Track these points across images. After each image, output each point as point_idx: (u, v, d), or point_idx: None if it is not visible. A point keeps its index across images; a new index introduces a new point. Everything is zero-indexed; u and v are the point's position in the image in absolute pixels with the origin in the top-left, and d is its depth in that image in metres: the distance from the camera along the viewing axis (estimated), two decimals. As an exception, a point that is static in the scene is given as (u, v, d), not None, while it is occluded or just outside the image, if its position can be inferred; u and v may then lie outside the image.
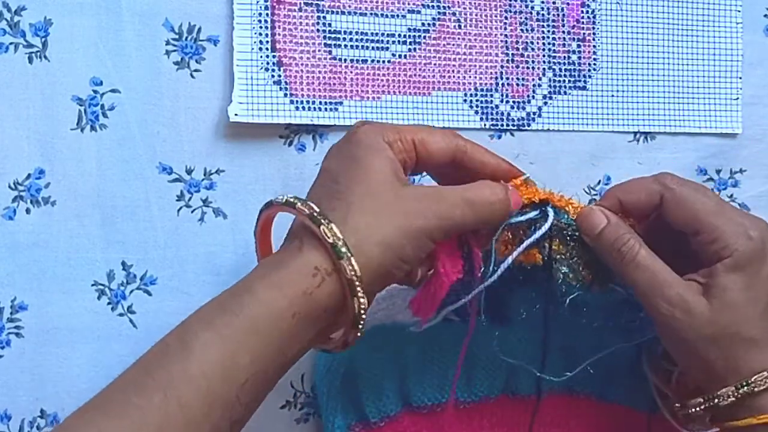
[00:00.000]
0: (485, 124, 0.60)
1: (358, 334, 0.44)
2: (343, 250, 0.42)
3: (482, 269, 0.48)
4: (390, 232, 0.43)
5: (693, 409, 0.49)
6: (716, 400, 0.48)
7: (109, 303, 0.54)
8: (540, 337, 0.55)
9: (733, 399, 0.47)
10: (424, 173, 0.53)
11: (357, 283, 0.42)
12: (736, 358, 0.47)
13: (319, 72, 0.56)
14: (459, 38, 0.59)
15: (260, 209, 0.47)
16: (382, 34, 0.58)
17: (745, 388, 0.47)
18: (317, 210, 0.43)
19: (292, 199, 0.44)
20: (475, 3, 0.59)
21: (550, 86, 0.61)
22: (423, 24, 0.58)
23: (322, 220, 0.42)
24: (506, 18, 0.60)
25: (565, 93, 0.62)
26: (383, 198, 0.44)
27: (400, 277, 0.46)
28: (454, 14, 0.59)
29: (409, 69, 0.58)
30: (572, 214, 0.50)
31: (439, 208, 0.44)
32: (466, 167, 0.48)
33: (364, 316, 0.43)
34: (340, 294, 0.43)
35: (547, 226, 0.49)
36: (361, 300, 0.42)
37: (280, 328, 0.41)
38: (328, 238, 0.42)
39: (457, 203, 0.45)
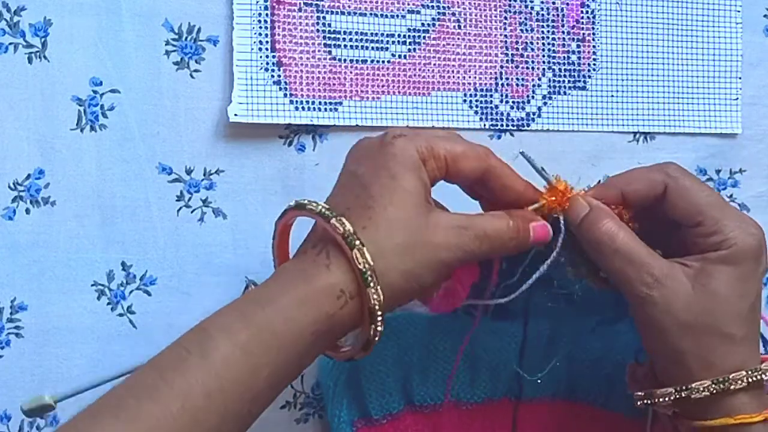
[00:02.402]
0: (485, 125, 0.60)
1: (366, 354, 0.44)
2: (371, 278, 0.42)
3: (499, 277, 0.50)
4: (416, 263, 0.43)
5: (659, 400, 0.48)
6: (689, 392, 0.46)
7: (108, 303, 0.54)
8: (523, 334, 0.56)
9: (707, 394, 0.46)
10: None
11: (378, 310, 0.42)
12: (711, 351, 0.46)
13: (319, 72, 0.56)
14: (459, 38, 0.59)
15: (285, 208, 0.46)
16: (382, 34, 0.58)
17: (722, 384, 0.46)
18: (351, 230, 0.42)
19: (326, 212, 0.43)
20: (474, 3, 0.59)
21: (549, 86, 0.61)
22: (423, 24, 0.58)
23: (356, 242, 0.42)
24: (506, 18, 0.60)
25: (564, 93, 0.61)
26: (414, 225, 0.44)
27: (414, 299, 0.46)
28: (453, 14, 0.59)
29: (409, 69, 0.58)
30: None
31: (462, 241, 0.45)
32: (492, 188, 0.48)
33: (377, 340, 0.43)
34: (359, 317, 0.43)
35: (560, 241, 0.49)
36: (379, 327, 0.43)
37: (300, 345, 0.41)
38: (359, 264, 0.42)
39: (479, 236, 0.45)
